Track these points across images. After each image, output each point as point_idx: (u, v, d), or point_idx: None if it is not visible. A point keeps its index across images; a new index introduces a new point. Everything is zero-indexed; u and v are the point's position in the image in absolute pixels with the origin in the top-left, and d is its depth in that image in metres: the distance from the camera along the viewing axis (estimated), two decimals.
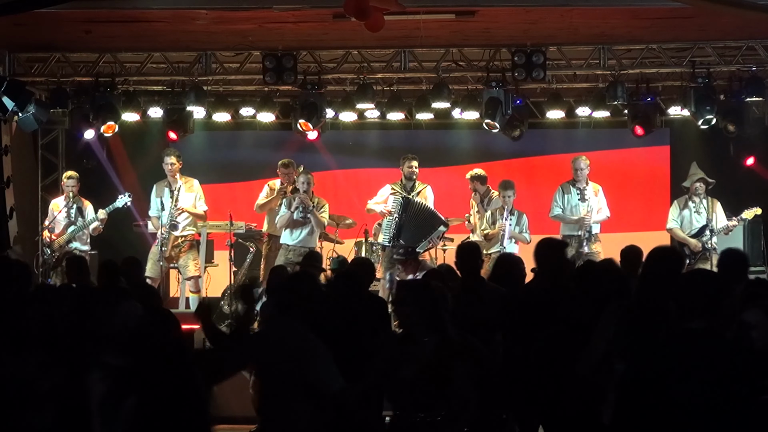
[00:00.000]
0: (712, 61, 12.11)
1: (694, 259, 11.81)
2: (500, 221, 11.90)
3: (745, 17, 10.34)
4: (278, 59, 11.81)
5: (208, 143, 14.43)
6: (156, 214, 12.28)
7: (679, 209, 12.23)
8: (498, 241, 11.84)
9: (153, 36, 11.62)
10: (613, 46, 12.11)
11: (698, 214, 12.09)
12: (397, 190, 12.22)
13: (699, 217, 12.08)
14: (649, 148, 14.05)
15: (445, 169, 14.15)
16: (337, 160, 14.50)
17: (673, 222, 12.23)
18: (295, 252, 11.69)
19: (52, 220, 12.20)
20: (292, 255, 11.66)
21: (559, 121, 13.47)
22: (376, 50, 12.34)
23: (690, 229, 12.09)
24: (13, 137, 12.33)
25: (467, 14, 10.76)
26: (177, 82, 12.63)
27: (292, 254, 11.69)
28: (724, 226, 11.95)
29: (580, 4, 10.60)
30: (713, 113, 11.98)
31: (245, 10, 10.53)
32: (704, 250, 11.91)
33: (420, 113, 12.86)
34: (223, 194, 14.14)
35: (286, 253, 11.78)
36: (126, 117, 12.61)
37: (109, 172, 13.34)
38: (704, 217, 12.02)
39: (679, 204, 12.29)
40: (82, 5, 10.08)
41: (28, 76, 12.31)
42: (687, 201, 12.20)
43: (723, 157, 13.23)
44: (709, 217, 12.00)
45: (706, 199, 12.14)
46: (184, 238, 12.22)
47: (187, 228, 12.26)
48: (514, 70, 11.75)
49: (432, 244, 12.14)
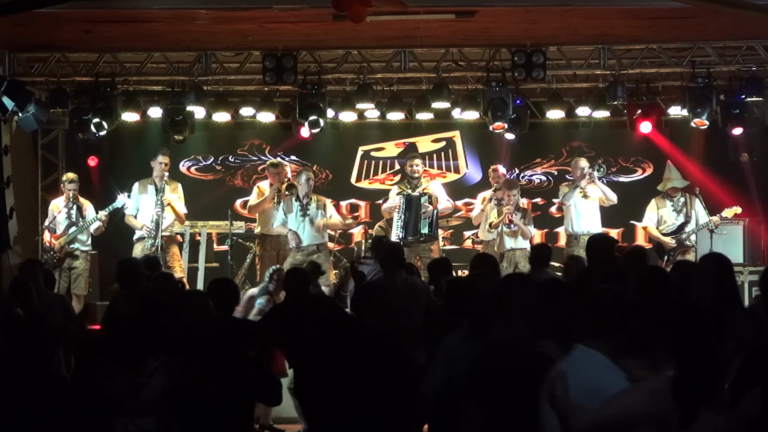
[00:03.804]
0: (712, 61, 12.11)
1: (672, 256, 11.88)
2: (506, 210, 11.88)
3: (745, 17, 10.33)
4: (278, 59, 11.80)
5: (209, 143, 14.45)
6: (133, 213, 12.14)
7: (657, 207, 12.33)
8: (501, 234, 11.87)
9: (153, 36, 11.61)
10: (613, 46, 12.11)
11: (676, 213, 12.17)
12: (403, 189, 12.23)
13: (678, 215, 12.17)
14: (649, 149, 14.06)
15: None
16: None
17: (648, 220, 12.37)
18: (304, 252, 11.60)
19: (52, 220, 12.19)
20: (301, 256, 11.53)
21: (559, 121, 13.48)
22: (376, 50, 12.34)
23: (668, 227, 12.16)
24: (13, 137, 12.31)
25: (467, 14, 10.75)
26: (177, 82, 12.63)
27: (300, 255, 11.56)
28: (705, 222, 11.97)
29: (580, 4, 10.59)
30: (705, 114, 11.96)
31: (245, 10, 10.52)
32: (682, 246, 11.99)
33: (420, 113, 12.87)
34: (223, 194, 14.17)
35: (295, 254, 11.65)
36: (126, 117, 12.62)
37: (108, 172, 13.32)
38: (683, 215, 12.12)
39: (657, 202, 12.36)
40: (82, 5, 10.07)
41: (28, 76, 12.30)
42: (665, 200, 12.28)
43: (723, 156, 13.22)
44: (688, 215, 12.07)
45: (684, 197, 12.23)
46: (167, 238, 12.02)
47: (168, 230, 12.04)
48: (514, 70, 11.74)
49: (425, 212, 11.91)
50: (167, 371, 4.94)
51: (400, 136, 14.55)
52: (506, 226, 11.76)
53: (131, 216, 12.17)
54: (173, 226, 12.18)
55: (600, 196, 12.07)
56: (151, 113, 12.90)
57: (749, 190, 13.13)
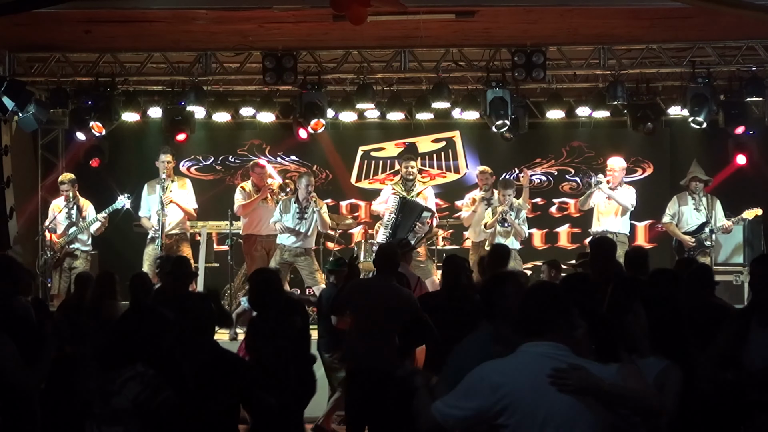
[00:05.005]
0: (712, 61, 12.11)
1: (693, 254, 11.83)
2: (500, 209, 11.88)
3: (745, 17, 10.33)
4: (278, 59, 11.80)
5: (209, 143, 14.45)
6: (146, 214, 12.24)
7: (678, 205, 12.28)
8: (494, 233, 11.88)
9: (153, 36, 11.62)
10: (613, 46, 12.11)
11: (697, 211, 12.12)
12: (398, 190, 12.23)
13: (698, 214, 12.11)
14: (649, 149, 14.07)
15: None
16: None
17: (668, 217, 12.31)
18: (291, 252, 11.71)
19: (53, 220, 12.20)
20: (288, 255, 11.70)
21: (559, 121, 13.48)
22: (376, 50, 12.34)
23: (688, 226, 12.13)
24: (13, 137, 12.33)
25: (467, 14, 10.76)
26: (177, 82, 12.63)
27: (288, 254, 11.72)
28: (722, 225, 11.96)
29: (580, 4, 10.60)
30: (702, 114, 11.95)
31: (245, 10, 10.53)
32: (702, 246, 11.94)
33: (420, 113, 12.87)
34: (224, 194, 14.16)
35: (282, 253, 11.76)
36: (126, 117, 12.63)
37: (108, 172, 13.31)
38: (704, 214, 12.05)
39: (678, 199, 12.33)
40: (82, 5, 10.08)
41: (28, 76, 12.31)
42: (686, 197, 12.24)
43: (722, 157, 13.21)
44: (708, 215, 12.03)
45: (706, 197, 12.17)
46: (177, 236, 12.10)
47: (177, 227, 12.12)
48: (514, 70, 11.74)
49: (418, 229, 11.90)
50: (141, 382, 4.75)
51: (400, 136, 14.55)
52: (500, 224, 11.77)
53: (145, 218, 12.25)
54: (185, 224, 12.20)
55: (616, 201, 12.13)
56: (151, 113, 12.90)
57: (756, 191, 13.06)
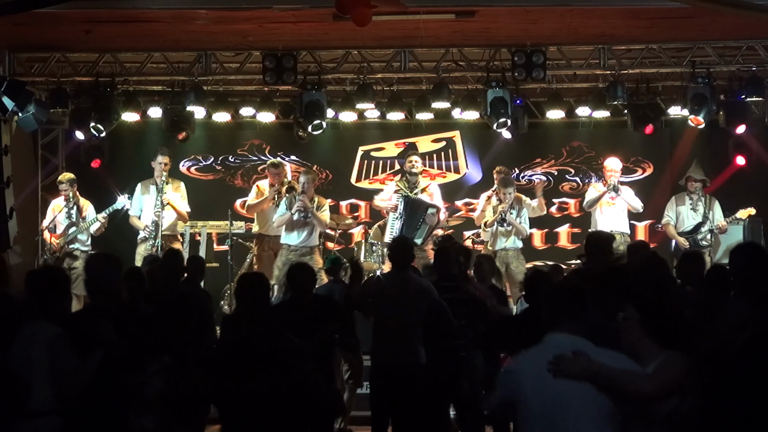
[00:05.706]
0: (712, 61, 12.11)
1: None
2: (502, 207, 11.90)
3: (745, 17, 10.34)
4: (278, 59, 11.80)
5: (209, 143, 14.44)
6: (136, 213, 12.24)
7: (675, 205, 12.31)
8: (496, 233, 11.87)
9: (153, 36, 11.62)
10: (613, 46, 12.11)
11: (694, 212, 12.16)
12: (402, 187, 12.22)
13: (695, 215, 12.14)
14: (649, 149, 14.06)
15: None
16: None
17: (667, 218, 12.36)
18: (297, 252, 11.66)
19: (52, 220, 12.20)
20: (294, 255, 11.60)
21: (558, 121, 13.48)
22: (376, 50, 12.34)
23: (684, 226, 12.15)
24: (13, 137, 12.32)
25: (467, 14, 10.76)
26: (177, 82, 12.63)
27: (293, 255, 11.63)
28: (717, 225, 11.99)
29: (580, 4, 10.60)
30: (702, 113, 11.95)
31: (245, 10, 10.54)
32: (697, 246, 11.96)
33: (420, 113, 12.86)
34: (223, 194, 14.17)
35: (288, 253, 11.72)
36: (126, 117, 12.62)
37: (108, 172, 13.31)
38: (701, 214, 12.08)
39: (675, 200, 12.37)
40: (82, 5, 10.09)
41: (28, 76, 12.31)
42: (684, 198, 12.26)
43: (722, 157, 13.21)
44: (706, 215, 12.04)
45: (705, 197, 12.19)
46: (168, 237, 12.02)
47: (169, 229, 12.09)
48: (514, 70, 11.74)
49: (427, 226, 11.95)
50: (165, 373, 4.97)
51: (400, 136, 14.54)
52: (500, 224, 11.77)
53: (135, 217, 12.26)
54: (176, 226, 12.19)
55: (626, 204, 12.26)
56: (151, 113, 12.90)
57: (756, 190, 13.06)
